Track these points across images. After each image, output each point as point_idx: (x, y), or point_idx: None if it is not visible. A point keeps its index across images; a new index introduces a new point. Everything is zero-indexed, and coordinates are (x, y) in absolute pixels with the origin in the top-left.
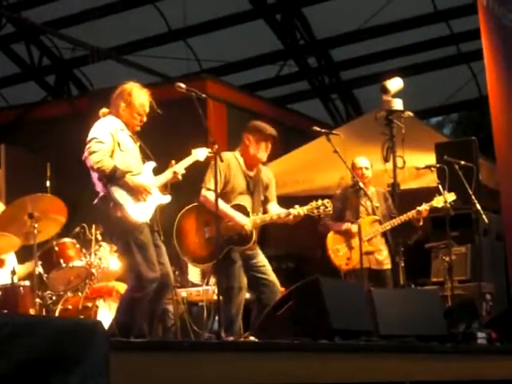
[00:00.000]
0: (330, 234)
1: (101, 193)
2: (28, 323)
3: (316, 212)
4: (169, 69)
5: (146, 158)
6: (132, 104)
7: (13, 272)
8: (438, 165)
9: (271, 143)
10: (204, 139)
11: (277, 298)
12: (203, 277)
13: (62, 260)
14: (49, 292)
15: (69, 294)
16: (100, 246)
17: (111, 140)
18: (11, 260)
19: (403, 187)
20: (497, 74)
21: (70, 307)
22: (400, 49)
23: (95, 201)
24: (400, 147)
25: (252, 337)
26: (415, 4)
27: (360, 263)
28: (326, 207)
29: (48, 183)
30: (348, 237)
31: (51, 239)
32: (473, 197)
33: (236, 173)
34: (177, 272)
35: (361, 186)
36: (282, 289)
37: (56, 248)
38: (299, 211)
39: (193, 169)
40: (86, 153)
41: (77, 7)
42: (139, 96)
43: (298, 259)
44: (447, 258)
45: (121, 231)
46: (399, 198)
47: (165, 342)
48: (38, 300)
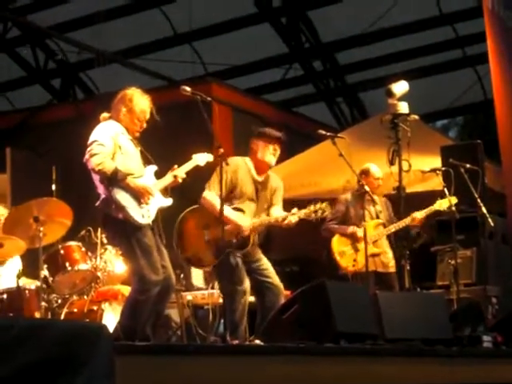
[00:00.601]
0: (335, 237)
1: (102, 195)
2: (33, 326)
3: (314, 216)
4: (174, 72)
5: (147, 163)
6: (133, 110)
7: (18, 275)
8: (444, 168)
9: (278, 146)
10: (209, 143)
11: (281, 301)
12: (206, 281)
13: (68, 263)
14: (54, 295)
15: (74, 298)
16: (105, 250)
17: (112, 143)
18: (16, 263)
19: (409, 190)
20: (502, 77)
21: (76, 310)
22: (405, 52)
23: (97, 203)
24: (405, 150)
25: (257, 340)
26: (420, 7)
27: (366, 266)
28: (324, 211)
29: (53, 187)
30: (353, 240)
31: (57, 242)
32: (478, 200)
33: (244, 178)
34: (181, 275)
35: (366, 190)
36: (287, 292)
37: (62, 251)
38: (297, 215)
39: (195, 173)
40: (87, 155)
41: (82, 11)
42: (140, 102)
43: (303, 263)
44: (453, 262)
45: (123, 234)
46: (405, 202)
47: (170, 346)
48: (44, 303)
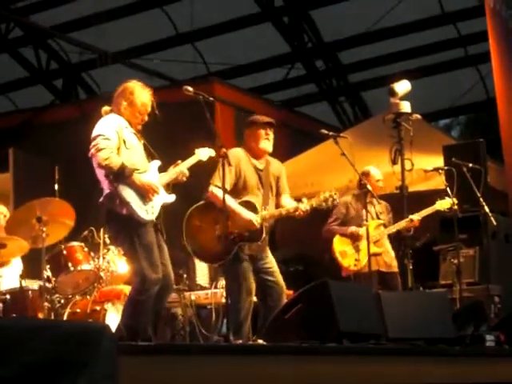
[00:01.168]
0: (336, 238)
1: (106, 190)
2: (36, 327)
3: (324, 205)
4: (176, 72)
5: (151, 157)
6: (134, 103)
7: (21, 276)
8: (446, 167)
9: (270, 130)
10: (211, 142)
11: (283, 301)
12: (211, 280)
13: (71, 263)
14: (57, 295)
15: (77, 298)
16: (108, 250)
17: (117, 137)
18: (17, 264)
19: (411, 190)
20: (504, 76)
21: (79, 311)
22: (408, 51)
23: (100, 199)
24: (408, 150)
25: (260, 340)
26: (423, 6)
27: (368, 266)
28: (334, 199)
29: (56, 187)
30: (354, 239)
31: (59, 243)
32: (481, 199)
33: (246, 168)
34: (185, 275)
35: (369, 189)
36: (290, 291)
37: (64, 251)
38: (307, 205)
39: (199, 172)
40: (93, 150)
41: (84, 11)
42: (141, 95)
43: (307, 262)
44: (455, 261)
45: (126, 230)
46: (407, 201)
47: (172, 346)
48: (47, 304)
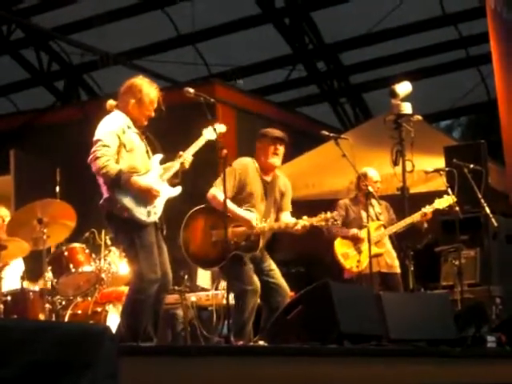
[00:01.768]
0: (337, 240)
1: (105, 194)
2: (37, 328)
3: (324, 224)
4: (178, 74)
5: (154, 151)
6: (142, 100)
7: (22, 277)
8: (447, 168)
9: (280, 145)
10: (213, 143)
11: (286, 302)
12: (213, 281)
13: (72, 265)
14: (58, 297)
15: (78, 299)
16: (109, 251)
17: (117, 141)
18: (19, 265)
19: (412, 191)
20: (505, 78)
21: (80, 312)
22: (409, 52)
23: (101, 201)
24: (409, 151)
25: (261, 341)
26: (424, 8)
27: (369, 267)
28: (335, 220)
29: (57, 188)
30: (355, 241)
31: (61, 244)
32: (482, 200)
33: (253, 178)
34: (186, 276)
35: (370, 191)
36: (291, 293)
37: (65, 253)
38: (307, 222)
39: (201, 174)
40: (92, 156)
41: (86, 13)
42: (150, 92)
43: (308, 263)
44: (457, 262)
45: (127, 231)
46: (408, 202)
47: (173, 347)
48: (48, 305)
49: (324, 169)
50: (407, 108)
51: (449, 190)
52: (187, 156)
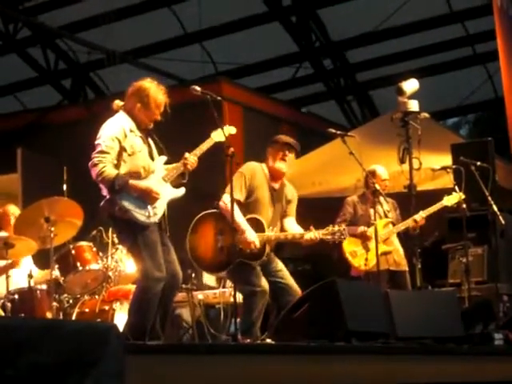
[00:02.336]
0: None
1: (107, 196)
2: (44, 326)
3: (331, 238)
4: (184, 72)
5: (159, 151)
6: (148, 105)
7: (30, 275)
8: (454, 166)
9: (289, 152)
10: (219, 142)
11: None
12: (219, 280)
13: (79, 263)
14: (66, 295)
15: (86, 297)
16: (117, 249)
17: (117, 145)
18: (28, 263)
19: (419, 188)
20: None
21: (87, 310)
22: (415, 50)
23: (101, 203)
24: (416, 148)
25: (269, 339)
26: (430, 5)
27: (377, 265)
28: (342, 234)
29: (65, 187)
30: (363, 239)
31: (68, 242)
32: (489, 198)
33: (261, 183)
34: (193, 275)
35: (377, 188)
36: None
37: (73, 251)
38: (314, 235)
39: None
40: (90, 163)
41: (92, 11)
42: (157, 97)
43: (315, 261)
44: (464, 260)
45: (129, 231)
46: (415, 200)
47: (180, 345)
48: (55, 303)
49: (331, 167)
50: (414, 105)
51: (456, 188)
52: (192, 157)
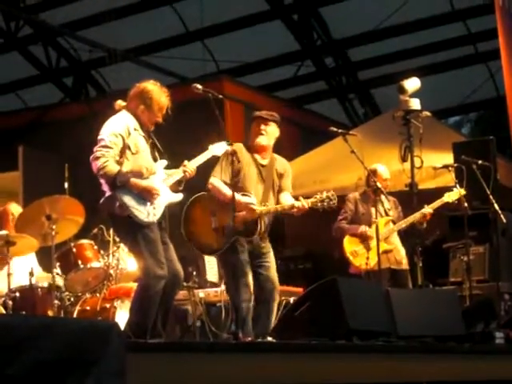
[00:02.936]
0: (346, 238)
1: (107, 193)
2: (44, 325)
3: (320, 205)
4: (186, 70)
5: (159, 155)
6: (151, 107)
7: (31, 273)
8: (456, 164)
9: (264, 125)
10: (221, 140)
11: (275, 296)
12: (221, 277)
13: (80, 261)
14: (67, 293)
15: (87, 295)
16: (118, 247)
17: (121, 142)
18: (32, 262)
19: (421, 187)
20: None
21: (88, 308)
22: (417, 48)
23: (101, 200)
24: (418, 147)
25: (270, 337)
26: (432, 4)
27: (378, 264)
28: (331, 200)
29: (66, 185)
30: (364, 238)
31: (69, 240)
32: (490, 196)
33: (247, 161)
34: (194, 273)
35: (378, 187)
36: (299, 289)
37: (74, 249)
38: (303, 203)
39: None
40: (92, 157)
41: (94, 9)
42: (160, 99)
43: (315, 259)
44: (465, 258)
45: (129, 229)
46: (417, 198)
47: (182, 343)
48: (56, 301)
49: (332, 165)
50: (416, 104)
51: (458, 187)
52: (191, 166)
